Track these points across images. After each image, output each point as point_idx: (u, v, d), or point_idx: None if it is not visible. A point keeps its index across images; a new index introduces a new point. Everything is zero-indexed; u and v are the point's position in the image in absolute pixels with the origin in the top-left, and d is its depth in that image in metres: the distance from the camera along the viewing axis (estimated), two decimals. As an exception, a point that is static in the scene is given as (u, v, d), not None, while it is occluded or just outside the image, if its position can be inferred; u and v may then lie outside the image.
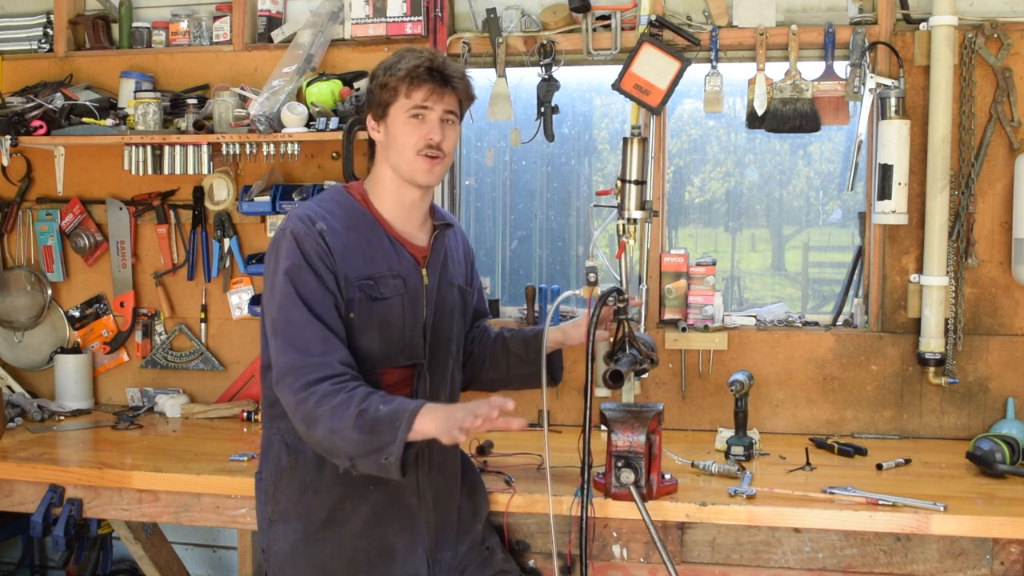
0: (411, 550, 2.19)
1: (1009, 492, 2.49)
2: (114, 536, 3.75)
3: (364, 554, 2.16)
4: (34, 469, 2.76)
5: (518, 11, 3.29)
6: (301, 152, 3.22)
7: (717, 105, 3.19)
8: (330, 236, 2.10)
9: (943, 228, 3.02)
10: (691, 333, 3.17)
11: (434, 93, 2.12)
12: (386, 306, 2.14)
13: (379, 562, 2.16)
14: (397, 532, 2.18)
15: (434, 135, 2.13)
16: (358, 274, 2.11)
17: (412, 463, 2.16)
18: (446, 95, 2.14)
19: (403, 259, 2.19)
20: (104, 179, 3.59)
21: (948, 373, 3.07)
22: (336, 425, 1.94)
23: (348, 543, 2.15)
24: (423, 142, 2.13)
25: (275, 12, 3.50)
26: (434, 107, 2.13)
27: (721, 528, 2.40)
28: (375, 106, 2.18)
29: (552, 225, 3.59)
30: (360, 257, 2.13)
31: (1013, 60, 3.04)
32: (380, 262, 2.15)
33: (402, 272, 2.17)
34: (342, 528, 2.15)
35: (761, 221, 3.56)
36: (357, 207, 2.19)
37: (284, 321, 2.04)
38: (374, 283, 2.13)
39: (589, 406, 2.30)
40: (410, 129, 2.13)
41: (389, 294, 2.15)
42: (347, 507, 2.16)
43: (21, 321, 3.67)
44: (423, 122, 2.13)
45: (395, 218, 2.21)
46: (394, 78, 2.12)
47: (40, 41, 3.66)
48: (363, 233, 2.16)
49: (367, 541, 2.16)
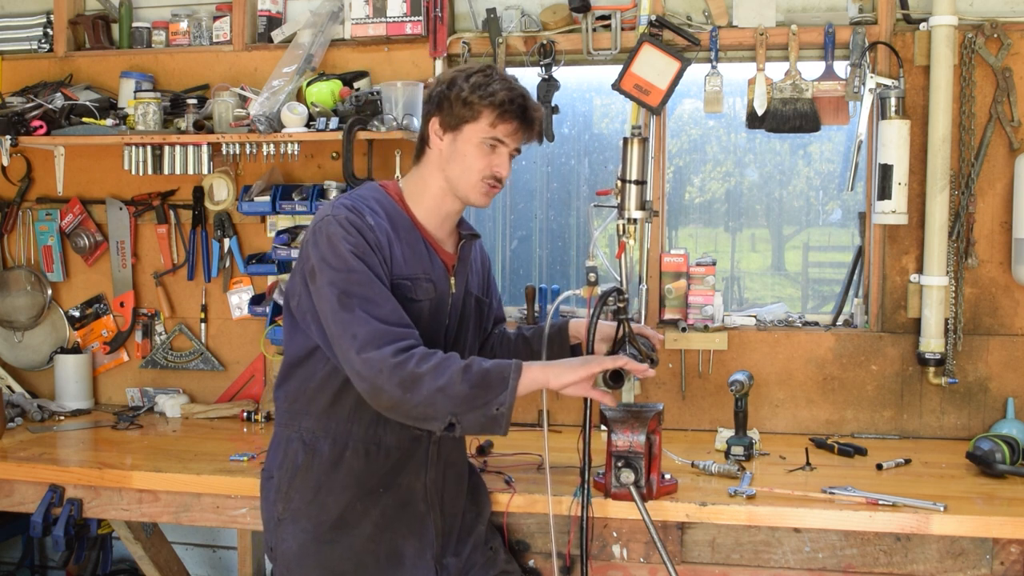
0: (419, 555, 2.19)
1: (1009, 492, 2.49)
2: (114, 536, 3.75)
3: (372, 557, 2.15)
4: (34, 469, 2.76)
5: (518, 11, 3.29)
6: (301, 152, 3.22)
7: (717, 105, 3.19)
8: (377, 232, 2.07)
9: (943, 228, 3.02)
10: (691, 333, 3.17)
11: (517, 132, 2.14)
12: (417, 309, 2.12)
13: (387, 566, 2.16)
14: (406, 537, 2.18)
15: (503, 170, 2.15)
16: (399, 273, 2.10)
17: (421, 468, 2.18)
18: (526, 135, 2.17)
19: (435, 264, 2.18)
20: (104, 179, 3.59)
21: (948, 373, 3.07)
22: (443, 382, 1.94)
23: (357, 545, 2.15)
24: (490, 172, 2.14)
25: (275, 12, 3.50)
26: (510, 144, 2.15)
27: (721, 528, 2.40)
28: (448, 115, 2.13)
29: (552, 225, 3.59)
30: (401, 257, 2.11)
31: (1013, 60, 3.04)
32: (416, 264, 2.14)
33: (434, 277, 2.17)
34: (352, 530, 2.15)
35: (761, 221, 3.55)
36: (396, 208, 2.17)
37: (359, 297, 1.98)
38: (411, 284, 2.12)
39: (589, 406, 2.30)
40: (481, 155, 2.13)
41: (422, 297, 2.14)
42: (358, 509, 2.15)
43: (21, 321, 3.67)
44: (495, 154, 2.14)
45: (429, 223, 2.20)
46: (483, 101, 2.09)
47: (40, 41, 3.66)
48: (402, 234, 2.14)
49: (376, 544, 2.15)
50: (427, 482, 2.20)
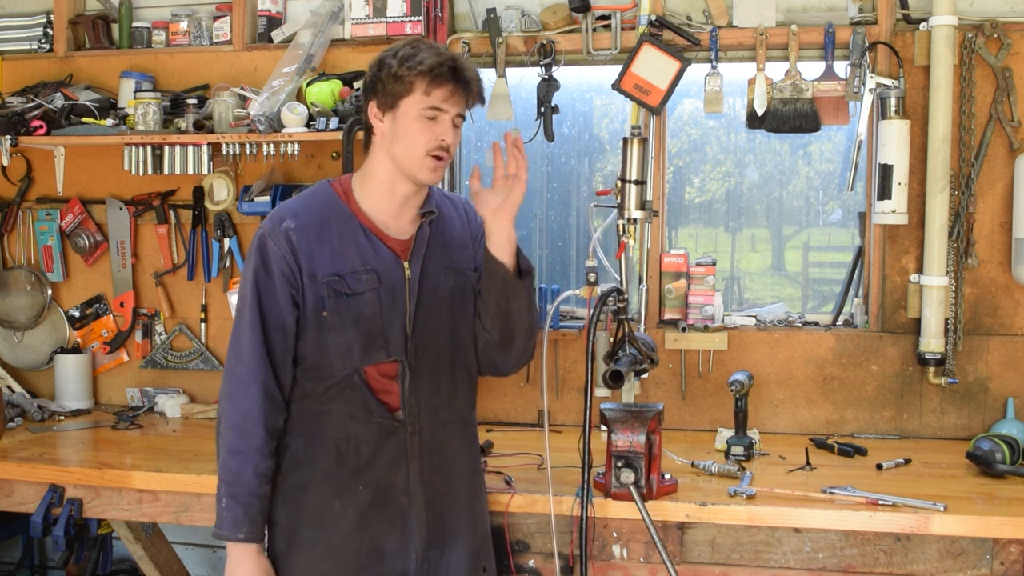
0: (401, 549, 2.16)
1: (1009, 492, 2.49)
2: (114, 536, 3.75)
3: (353, 556, 2.14)
4: (34, 469, 2.77)
5: (518, 11, 3.29)
6: (301, 152, 3.22)
7: (717, 105, 3.19)
8: (296, 234, 2.10)
9: (943, 228, 3.02)
10: (691, 333, 3.17)
11: (453, 95, 2.08)
12: (359, 301, 2.11)
13: (368, 562, 2.14)
14: (386, 532, 2.15)
15: (447, 137, 2.09)
16: (325, 271, 2.10)
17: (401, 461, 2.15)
18: (464, 98, 2.10)
19: (380, 253, 2.14)
20: (104, 179, 3.59)
21: (948, 373, 3.07)
22: (218, 452, 2.13)
23: (337, 544, 2.14)
24: (435, 143, 2.08)
25: (275, 12, 3.50)
26: (450, 109, 2.09)
27: (721, 528, 2.40)
28: (382, 95, 2.12)
29: (552, 225, 3.59)
30: (329, 254, 2.11)
31: (1013, 60, 3.04)
32: (351, 257, 2.12)
33: (377, 266, 2.12)
34: (330, 530, 2.14)
35: (761, 221, 3.55)
36: (335, 201, 2.16)
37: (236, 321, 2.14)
38: (341, 279, 2.10)
39: (589, 406, 2.30)
40: (422, 127, 2.08)
41: (361, 289, 2.11)
42: (336, 508, 2.14)
43: (21, 321, 3.67)
44: (437, 123, 2.09)
45: (381, 212, 2.16)
46: (412, 72, 2.06)
47: (40, 41, 3.66)
48: (336, 228, 2.13)
49: (356, 543, 2.14)
50: (410, 475, 2.16)
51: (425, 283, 2.17)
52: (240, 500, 2.08)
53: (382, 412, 2.14)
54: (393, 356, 2.14)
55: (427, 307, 2.18)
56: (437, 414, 2.20)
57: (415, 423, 2.16)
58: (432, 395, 2.19)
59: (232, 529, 2.08)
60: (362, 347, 2.12)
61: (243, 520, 2.08)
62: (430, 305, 2.18)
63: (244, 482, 2.08)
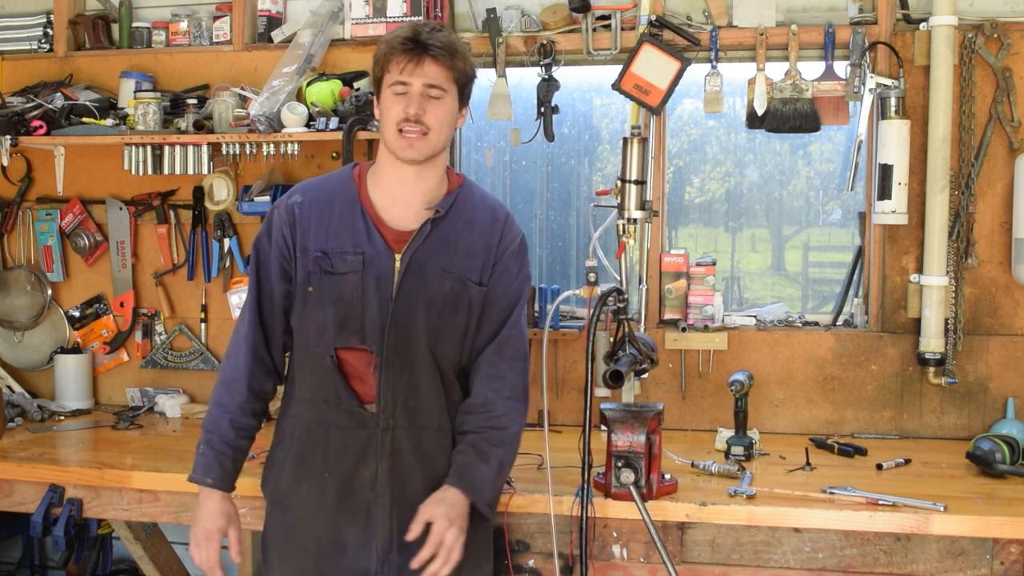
0: (363, 545, 2.14)
1: (1009, 492, 2.49)
2: (114, 536, 3.75)
3: (315, 543, 2.15)
4: (34, 469, 2.77)
5: (518, 11, 3.29)
6: (301, 152, 3.22)
7: (717, 105, 3.19)
8: (299, 208, 2.17)
9: (943, 228, 3.02)
10: (691, 333, 3.17)
11: (411, 63, 2.05)
12: (340, 281, 2.11)
13: (329, 553, 2.14)
14: (350, 524, 2.14)
15: (411, 107, 2.05)
16: (315, 247, 2.14)
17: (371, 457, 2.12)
18: (426, 67, 2.05)
19: (373, 239, 2.13)
20: (104, 179, 3.59)
21: (948, 373, 3.07)
22: (203, 419, 2.24)
23: (300, 528, 2.17)
24: (401, 115, 2.06)
25: (275, 12, 3.50)
26: (413, 81, 2.06)
27: (721, 528, 2.40)
28: (374, 83, 2.16)
29: (552, 225, 3.59)
30: (324, 231, 2.14)
31: (1013, 60, 3.04)
32: (344, 237, 2.13)
33: (367, 251, 2.12)
34: (295, 512, 2.18)
35: (761, 221, 3.56)
36: (347, 184, 2.20)
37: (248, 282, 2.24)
38: (326, 256, 2.12)
39: (589, 406, 2.30)
40: (391, 104, 2.08)
41: (344, 269, 2.11)
42: (301, 490, 2.17)
43: (21, 321, 3.67)
44: (404, 96, 2.07)
45: (387, 199, 2.16)
46: (379, 52, 2.09)
47: (40, 41, 3.66)
48: (339, 208, 2.16)
49: (319, 530, 2.15)
50: (378, 472, 2.13)
51: (414, 279, 2.13)
52: (214, 447, 2.18)
53: (351, 400, 2.13)
54: (367, 344, 2.12)
55: (411, 303, 2.12)
56: (415, 416, 2.15)
57: (389, 420, 2.13)
58: (411, 395, 2.14)
59: (203, 473, 2.18)
60: (337, 328, 2.12)
61: (213, 466, 2.18)
62: (415, 302, 2.12)
63: (221, 431, 2.18)
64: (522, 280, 2.24)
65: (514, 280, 2.22)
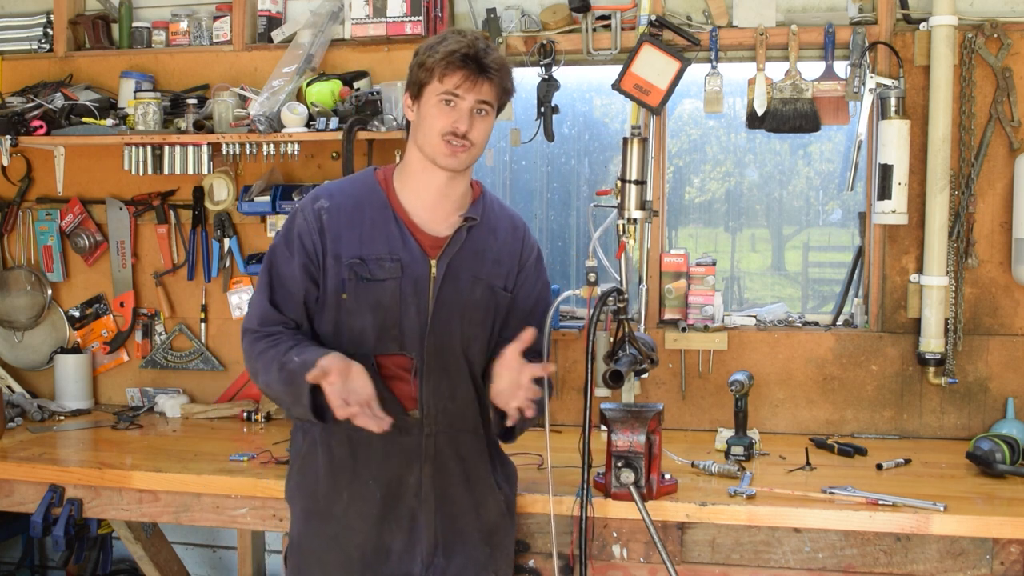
0: (407, 550, 2.16)
1: (1009, 492, 2.49)
2: (114, 536, 3.75)
3: (359, 551, 2.15)
4: (34, 469, 2.77)
5: (518, 11, 3.29)
6: (301, 152, 3.22)
7: (717, 105, 3.19)
8: (328, 214, 2.12)
9: (943, 228, 3.02)
10: (691, 333, 3.17)
11: (467, 81, 2.07)
12: (379, 288, 2.10)
13: (373, 561, 2.15)
14: (394, 532, 2.16)
15: (461, 124, 2.08)
16: (350, 254, 2.11)
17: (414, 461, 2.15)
18: (481, 85, 2.08)
19: (408, 245, 2.13)
20: (104, 179, 3.59)
21: (948, 373, 3.07)
22: (268, 378, 2.08)
23: (343, 537, 2.15)
24: (449, 128, 2.07)
25: (275, 12, 3.50)
26: (466, 96, 2.08)
27: (721, 528, 2.40)
28: (412, 84, 2.13)
29: (552, 225, 3.59)
30: (357, 237, 2.12)
31: (1013, 60, 3.04)
32: (379, 244, 2.12)
33: (403, 257, 2.12)
34: (339, 521, 2.15)
35: (761, 221, 3.56)
36: (374, 187, 2.18)
37: (264, 277, 2.17)
38: (363, 263, 2.10)
39: (589, 406, 2.29)
40: (439, 113, 2.08)
41: (382, 276, 2.11)
42: (344, 498, 2.15)
43: (21, 321, 3.67)
44: (453, 109, 2.08)
45: (417, 204, 2.16)
46: (431, 59, 2.07)
47: (40, 41, 3.66)
48: (369, 214, 2.14)
49: (363, 537, 2.15)
50: (421, 476, 2.16)
51: (450, 285, 2.15)
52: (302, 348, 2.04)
53: (395, 407, 2.12)
54: (407, 350, 2.13)
55: (448, 309, 2.15)
56: (454, 420, 2.18)
57: (431, 425, 2.15)
58: (450, 400, 2.18)
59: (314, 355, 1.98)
60: (376, 335, 2.12)
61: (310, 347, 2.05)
62: (451, 308, 2.16)
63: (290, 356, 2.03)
64: (542, 287, 2.32)
65: (534, 287, 2.29)
